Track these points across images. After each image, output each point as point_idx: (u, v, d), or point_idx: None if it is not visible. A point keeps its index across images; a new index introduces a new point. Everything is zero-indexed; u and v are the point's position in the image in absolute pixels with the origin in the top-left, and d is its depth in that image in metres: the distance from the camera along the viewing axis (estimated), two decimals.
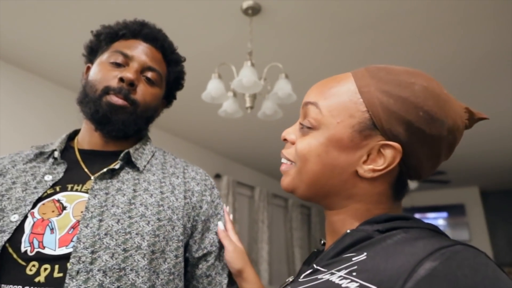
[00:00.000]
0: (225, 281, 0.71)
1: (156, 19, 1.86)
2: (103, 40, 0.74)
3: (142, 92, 0.70)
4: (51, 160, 0.68)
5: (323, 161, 0.44)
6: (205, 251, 0.70)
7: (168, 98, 0.83)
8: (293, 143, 0.49)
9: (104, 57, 0.71)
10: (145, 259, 0.58)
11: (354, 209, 0.45)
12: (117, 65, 0.69)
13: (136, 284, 0.57)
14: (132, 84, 0.68)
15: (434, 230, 0.39)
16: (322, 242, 0.54)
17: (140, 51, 0.72)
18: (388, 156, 0.41)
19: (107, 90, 0.67)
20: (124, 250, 0.57)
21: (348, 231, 0.41)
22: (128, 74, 0.67)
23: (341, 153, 0.43)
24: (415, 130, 0.41)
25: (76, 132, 0.78)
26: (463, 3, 1.76)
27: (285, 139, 0.51)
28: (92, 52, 0.76)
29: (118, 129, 0.69)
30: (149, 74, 0.71)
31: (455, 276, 0.29)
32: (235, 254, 0.71)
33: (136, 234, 0.59)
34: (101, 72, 0.69)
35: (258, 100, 2.45)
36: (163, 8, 1.79)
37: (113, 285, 0.55)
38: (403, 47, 2.13)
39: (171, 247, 0.63)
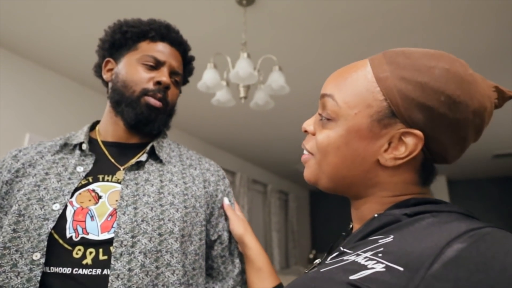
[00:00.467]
0: (237, 260, 0.78)
1: (151, 7, 1.85)
2: (129, 38, 0.78)
3: (172, 94, 0.78)
4: (78, 151, 0.73)
5: (343, 153, 0.44)
6: (219, 233, 0.77)
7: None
8: (313, 134, 0.49)
9: (134, 57, 0.76)
10: (177, 242, 0.65)
11: (380, 197, 0.44)
12: (150, 67, 0.75)
13: (171, 263, 0.63)
14: (167, 88, 0.75)
15: (464, 213, 0.38)
16: (351, 226, 0.53)
17: (169, 56, 0.78)
18: (409, 144, 0.40)
19: (145, 92, 0.73)
20: (159, 234, 0.64)
21: (376, 215, 0.41)
22: (165, 78, 0.74)
23: (361, 143, 0.43)
24: (437, 116, 0.39)
25: (94, 124, 0.82)
26: (453, 1, 1.87)
27: (305, 131, 0.50)
28: (113, 47, 0.79)
29: (157, 128, 0.77)
30: (176, 77, 0.80)
31: (484, 257, 0.28)
32: (237, 223, 0.79)
33: (168, 220, 0.66)
34: (136, 74, 0.74)
35: (250, 90, 2.50)
36: None
37: (153, 265, 0.62)
38: (397, 41, 2.23)
39: (196, 231, 0.70)
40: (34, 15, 1.91)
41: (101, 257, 0.60)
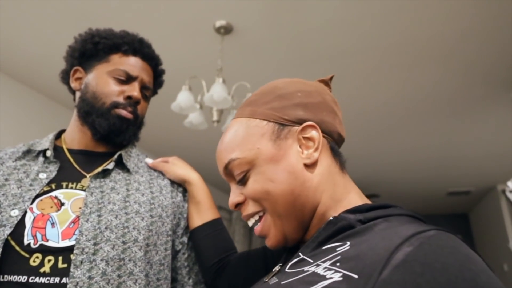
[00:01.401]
0: (197, 271, 0.77)
1: (133, 26, 1.88)
2: (101, 49, 0.78)
3: (141, 107, 0.79)
4: (41, 158, 0.72)
5: (279, 181, 0.46)
6: (183, 244, 0.77)
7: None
8: (244, 201, 0.50)
9: (106, 70, 0.76)
10: (142, 250, 0.65)
11: (324, 201, 0.47)
12: (121, 81, 0.76)
13: (133, 272, 0.63)
14: (138, 102, 0.77)
15: (412, 216, 0.41)
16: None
17: (141, 70, 0.79)
18: (313, 135, 0.47)
19: (115, 105, 0.74)
20: (123, 242, 0.63)
21: (331, 218, 0.43)
22: (136, 93, 0.76)
23: (281, 164, 0.46)
24: (307, 105, 0.49)
25: (60, 132, 0.81)
26: (416, 45, 2.05)
27: (237, 205, 0.50)
28: (83, 56, 0.79)
29: (128, 139, 0.77)
30: (146, 92, 0.81)
31: (428, 259, 0.30)
32: (173, 167, 0.80)
33: (133, 228, 0.65)
34: (107, 86, 0.75)
35: (223, 114, 2.54)
36: (141, 16, 1.82)
37: (114, 273, 0.60)
38: (365, 79, 2.38)
39: (161, 241, 0.70)
40: (27, 34, 1.87)
41: (60, 265, 0.58)
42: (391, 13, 1.77)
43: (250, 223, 0.50)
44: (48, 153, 0.72)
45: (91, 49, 0.78)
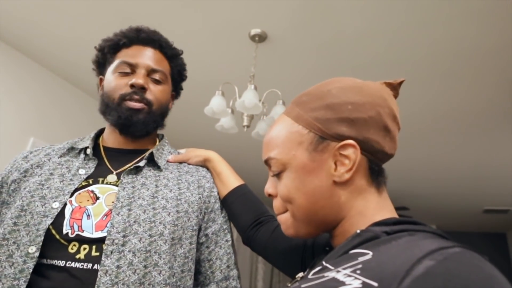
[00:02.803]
0: (224, 266, 0.79)
1: (169, 32, 1.99)
2: (107, 53, 0.82)
3: (153, 92, 0.79)
4: (82, 155, 0.78)
5: (304, 191, 0.48)
6: (207, 237, 0.79)
7: (176, 90, 0.91)
8: (276, 196, 0.53)
9: (111, 68, 0.80)
10: (167, 244, 0.68)
11: (351, 217, 0.47)
12: (126, 73, 0.78)
13: (158, 264, 0.67)
14: (143, 88, 0.77)
15: (440, 234, 0.40)
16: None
17: (142, 56, 0.79)
18: (350, 154, 0.46)
19: (123, 97, 0.76)
20: (150, 235, 0.67)
21: (358, 231, 0.43)
22: (138, 80, 0.76)
23: (312, 175, 0.47)
24: (354, 121, 0.46)
25: (102, 130, 0.88)
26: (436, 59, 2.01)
27: (269, 195, 0.54)
28: (100, 66, 0.85)
29: (140, 129, 0.79)
30: (155, 75, 0.80)
31: (450, 275, 0.30)
32: (192, 153, 0.86)
33: (160, 223, 0.69)
34: (113, 82, 0.78)
35: (254, 120, 2.60)
36: (178, 23, 1.92)
37: (141, 264, 0.65)
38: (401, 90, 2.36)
39: (187, 235, 0.73)
40: (48, 21, 2.03)
41: (93, 253, 0.64)
42: (424, 26, 1.75)
43: (276, 214, 0.54)
44: (88, 151, 0.78)
45: (101, 56, 0.83)
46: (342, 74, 2.22)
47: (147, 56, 0.80)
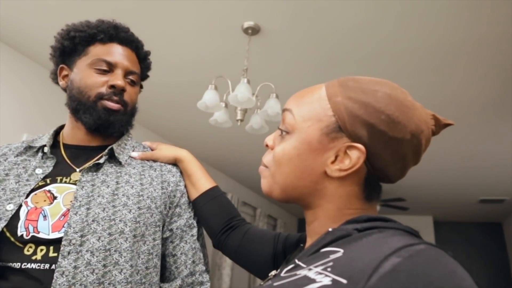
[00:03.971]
0: (190, 261, 0.78)
1: (160, 25, 1.97)
2: (78, 43, 0.78)
3: (129, 94, 0.79)
4: (40, 154, 0.76)
5: (295, 164, 0.48)
6: (171, 232, 0.78)
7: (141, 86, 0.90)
8: (272, 149, 0.53)
9: (85, 63, 0.76)
10: (128, 242, 0.67)
11: (327, 209, 0.48)
12: (103, 71, 0.75)
13: (119, 262, 0.66)
14: (123, 90, 0.76)
15: (409, 231, 0.41)
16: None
17: (120, 56, 0.78)
18: (353, 157, 0.45)
19: (100, 96, 0.74)
20: (109, 234, 0.66)
21: (330, 229, 0.43)
22: (119, 82, 0.75)
23: (310, 155, 0.47)
24: (377, 132, 0.44)
25: (62, 127, 0.84)
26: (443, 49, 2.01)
27: (266, 145, 0.55)
28: (65, 54, 0.80)
29: (117, 130, 0.77)
30: (132, 77, 0.80)
31: (415, 272, 0.31)
32: (161, 152, 0.83)
33: (120, 220, 0.68)
34: (89, 79, 0.74)
35: (247, 113, 2.59)
36: (169, 15, 1.90)
37: (100, 263, 0.64)
38: (395, 82, 2.35)
39: (150, 231, 0.72)
40: (39, 13, 2.01)
41: (51, 254, 0.63)
42: (420, 16, 1.74)
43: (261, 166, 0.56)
44: (45, 149, 0.75)
45: (69, 45, 0.78)
46: (337, 67, 2.21)
47: (125, 57, 0.78)
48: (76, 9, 1.88)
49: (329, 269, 0.35)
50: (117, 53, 0.78)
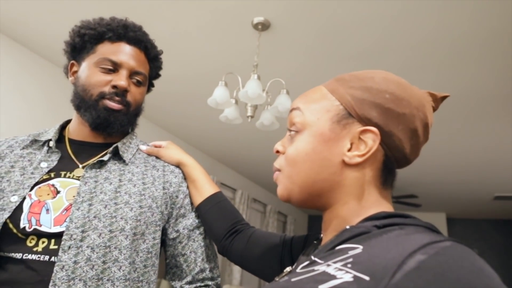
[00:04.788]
0: (199, 259, 0.79)
1: (171, 22, 1.97)
2: (87, 41, 0.78)
3: (133, 94, 0.78)
4: (46, 148, 0.76)
5: (311, 158, 0.47)
6: (178, 233, 0.79)
7: (148, 88, 0.89)
8: (283, 153, 0.53)
9: (92, 61, 0.76)
10: (128, 239, 0.68)
11: (346, 202, 0.47)
12: (108, 71, 0.75)
13: (118, 259, 0.66)
14: (125, 90, 0.76)
15: (430, 228, 0.40)
16: (321, 236, 0.54)
17: (127, 56, 0.77)
18: (368, 140, 0.45)
19: (102, 95, 0.74)
20: (110, 231, 0.67)
21: (348, 227, 0.43)
22: (121, 82, 0.74)
23: (326, 146, 0.47)
24: (386, 110, 0.45)
25: (68, 122, 0.85)
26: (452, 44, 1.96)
27: (277, 151, 0.54)
28: (75, 50, 0.80)
29: (117, 130, 0.77)
30: (137, 77, 0.79)
31: (441, 269, 0.30)
32: (168, 151, 0.84)
33: (121, 218, 0.69)
34: (93, 77, 0.75)
35: (257, 110, 2.58)
36: (180, 11, 1.90)
37: (100, 260, 0.65)
38: (406, 78, 2.31)
39: (150, 230, 0.73)
40: (46, 8, 2.02)
41: (51, 246, 0.64)
42: (427, 11, 1.70)
43: (274, 172, 0.55)
44: (51, 143, 0.76)
45: (79, 42, 0.79)
46: (347, 62, 2.18)
47: (131, 57, 0.78)
48: (86, 5, 1.89)
49: (349, 265, 0.34)
50: (124, 52, 0.77)
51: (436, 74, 2.24)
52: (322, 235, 0.54)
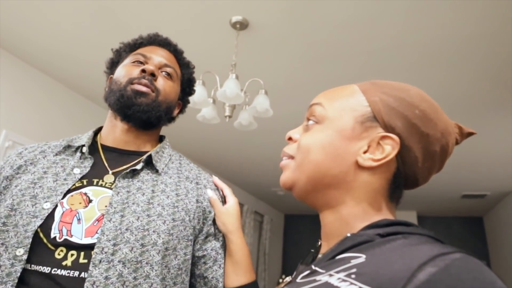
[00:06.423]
0: (221, 285, 0.74)
1: (148, 20, 1.91)
2: (123, 51, 0.84)
3: (162, 83, 0.78)
4: (78, 154, 0.74)
5: (326, 151, 0.46)
6: (205, 252, 0.74)
7: (182, 100, 0.90)
8: (295, 141, 0.51)
9: (126, 61, 0.80)
10: (159, 254, 0.64)
11: (351, 206, 0.46)
12: (139, 63, 0.78)
13: (150, 276, 0.62)
14: (153, 75, 0.76)
15: (433, 237, 0.39)
16: (319, 243, 0.53)
17: (157, 53, 0.81)
18: (386, 147, 0.44)
19: (130, 81, 0.74)
20: (142, 245, 0.63)
21: (349, 234, 0.41)
22: (150, 67, 0.76)
23: (343, 142, 0.46)
24: (412, 125, 0.44)
25: (101, 128, 0.83)
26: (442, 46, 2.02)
27: (289, 138, 0.52)
28: (114, 65, 0.84)
29: (141, 112, 0.73)
30: (167, 70, 0.80)
31: (453, 282, 0.30)
32: (223, 218, 0.77)
33: (153, 231, 0.65)
34: (125, 70, 0.77)
35: (236, 110, 2.56)
36: (157, 9, 1.85)
37: (131, 275, 0.61)
38: (380, 79, 2.36)
39: (182, 245, 0.69)
40: (19, 8, 1.93)
41: (81, 260, 0.61)
42: (408, 14, 1.74)
43: (282, 156, 0.53)
44: (84, 149, 0.73)
45: (116, 57, 0.85)
46: (327, 63, 2.19)
47: (160, 53, 0.81)
48: (62, 7, 1.80)
49: (353, 276, 0.33)
50: (154, 50, 0.81)
51: (407, 78, 2.30)
52: (320, 242, 0.52)
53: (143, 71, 0.75)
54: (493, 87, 2.36)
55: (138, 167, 0.72)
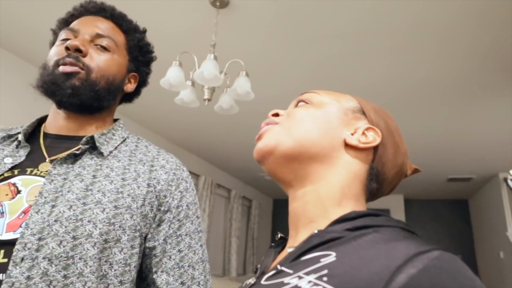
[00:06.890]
0: (175, 281, 0.66)
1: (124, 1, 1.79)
2: (57, 30, 0.75)
3: (94, 58, 0.68)
4: (15, 143, 0.67)
5: (319, 122, 0.48)
6: (156, 243, 0.66)
7: (138, 71, 0.80)
8: (281, 116, 0.52)
9: (57, 41, 0.71)
10: (95, 248, 0.57)
11: (330, 185, 0.45)
12: (66, 40, 0.68)
13: (83, 273, 0.55)
14: (80, 51, 0.66)
15: (404, 228, 0.39)
16: (279, 236, 0.51)
17: (87, 23, 0.71)
18: (370, 137, 0.47)
19: (57, 63, 0.66)
20: (74, 237, 0.56)
21: (316, 231, 0.39)
22: (73, 41, 0.66)
23: (335, 120, 0.48)
24: (390, 131, 0.50)
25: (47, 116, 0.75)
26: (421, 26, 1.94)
27: (276, 114, 0.52)
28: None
29: (69, 94, 0.65)
30: (101, 41, 0.70)
31: (434, 283, 0.29)
32: None
33: (88, 221, 0.57)
34: (53, 51, 0.69)
35: (216, 93, 2.47)
36: None
37: (59, 274, 0.53)
38: (363, 62, 2.28)
39: (128, 236, 0.60)
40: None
41: (1, 259, 0.53)
42: None
43: (265, 124, 0.51)
44: (19, 137, 0.66)
45: (53, 36, 0.76)
46: (309, 43, 2.11)
47: (92, 23, 0.71)
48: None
49: (324, 279, 0.31)
50: (85, 21, 0.71)
51: (393, 61, 2.23)
52: (279, 235, 0.51)
53: (67, 48, 0.66)
54: (479, 70, 2.31)
55: (78, 151, 0.65)
